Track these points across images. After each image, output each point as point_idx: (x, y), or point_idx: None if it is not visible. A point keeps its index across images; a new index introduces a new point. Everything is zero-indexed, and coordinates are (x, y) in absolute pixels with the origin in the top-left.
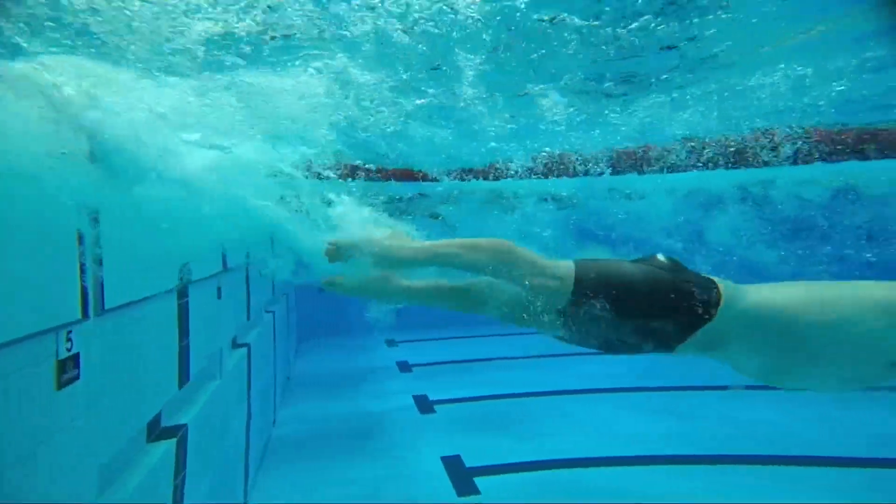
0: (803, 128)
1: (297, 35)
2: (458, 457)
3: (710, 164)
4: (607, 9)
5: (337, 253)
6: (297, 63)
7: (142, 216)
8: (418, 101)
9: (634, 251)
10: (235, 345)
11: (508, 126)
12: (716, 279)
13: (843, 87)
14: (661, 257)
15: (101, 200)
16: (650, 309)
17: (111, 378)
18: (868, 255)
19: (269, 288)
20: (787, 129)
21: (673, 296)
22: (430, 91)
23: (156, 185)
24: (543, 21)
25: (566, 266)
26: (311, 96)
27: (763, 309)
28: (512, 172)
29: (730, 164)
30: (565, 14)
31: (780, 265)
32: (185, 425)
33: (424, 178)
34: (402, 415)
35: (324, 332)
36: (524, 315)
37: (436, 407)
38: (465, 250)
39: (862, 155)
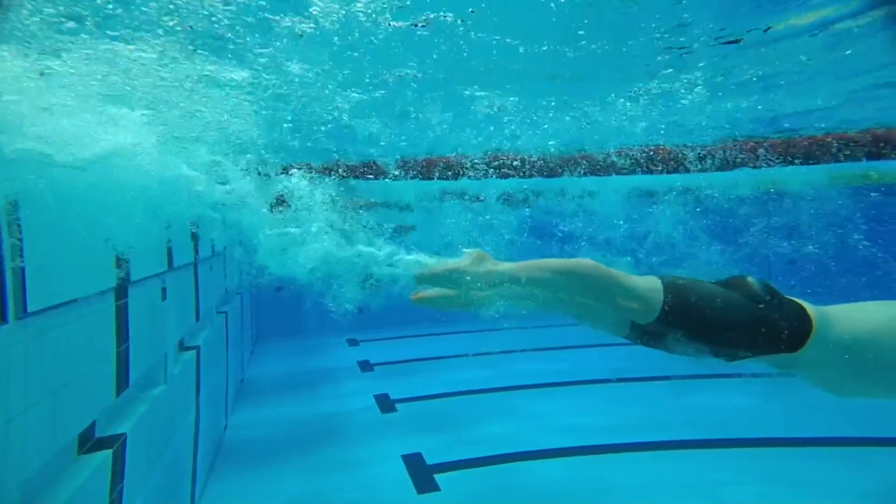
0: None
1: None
2: (418, 454)
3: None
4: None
5: (431, 278)
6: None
7: (70, 206)
8: (356, 94)
9: (590, 249)
10: (183, 348)
11: (447, 118)
12: (806, 307)
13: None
14: (752, 282)
15: (17, 186)
16: (735, 341)
17: (34, 387)
18: (790, 253)
19: (221, 287)
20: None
21: (764, 330)
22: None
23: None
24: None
25: (654, 289)
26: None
27: (848, 339)
28: (469, 169)
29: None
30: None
31: (717, 260)
32: (123, 435)
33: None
34: (362, 415)
35: (282, 333)
36: (600, 323)
37: (397, 406)
38: (554, 273)
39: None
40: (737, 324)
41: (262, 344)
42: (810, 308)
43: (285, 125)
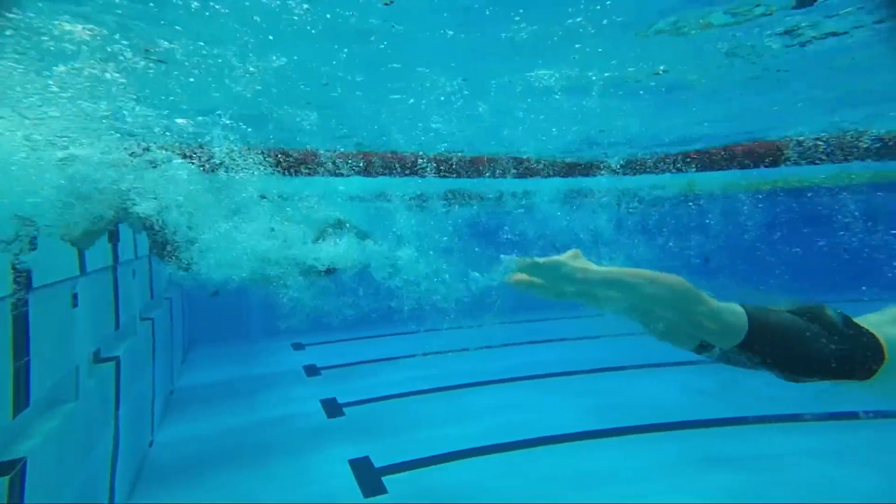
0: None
1: None
2: (366, 458)
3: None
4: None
5: (530, 267)
6: None
7: None
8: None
9: (531, 248)
10: (99, 359)
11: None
12: (879, 337)
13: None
14: (832, 314)
15: None
16: (812, 371)
17: None
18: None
19: (147, 292)
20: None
21: (834, 365)
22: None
23: None
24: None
25: (739, 317)
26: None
27: None
28: (416, 166)
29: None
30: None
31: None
32: (22, 459)
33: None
34: (307, 421)
35: (219, 339)
36: (673, 337)
37: (345, 409)
38: (649, 282)
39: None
40: (817, 359)
41: (196, 351)
42: (880, 336)
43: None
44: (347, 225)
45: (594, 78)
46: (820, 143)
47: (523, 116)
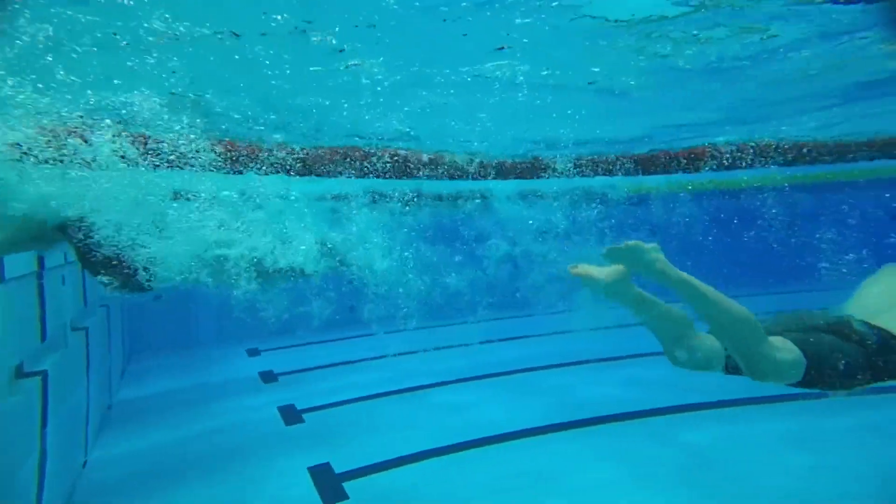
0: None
1: None
2: (326, 464)
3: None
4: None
5: (612, 253)
6: None
7: None
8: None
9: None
10: (21, 374)
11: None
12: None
13: None
14: (857, 325)
15: None
16: (859, 383)
17: None
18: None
19: (79, 299)
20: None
21: (860, 376)
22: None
23: None
24: None
25: (796, 361)
26: None
27: None
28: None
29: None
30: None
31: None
32: None
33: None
34: (264, 430)
35: (165, 347)
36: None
37: (304, 416)
38: (719, 299)
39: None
40: (859, 371)
41: (139, 361)
42: None
43: None
44: (329, 245)
45: (531, 78)
46: (736, 150)
47: (466, 112)
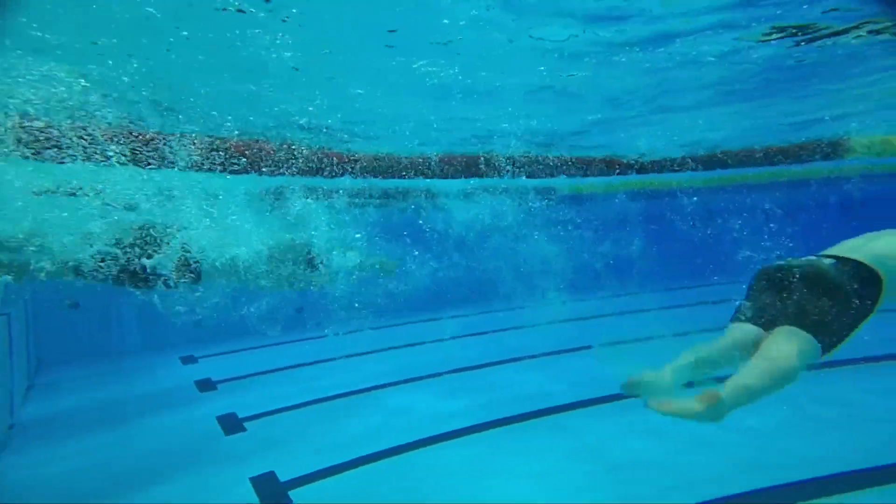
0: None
1: None
2: (271, 473)
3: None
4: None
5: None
6: None
7: None
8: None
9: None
10: None
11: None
12: (864, 261)
13: None
14: (829, 271)
15: None
16: (852, 324)
17: None
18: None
19: None
20: None
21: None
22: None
23: None
24: None
25: (808, 346)
26: None
27: None
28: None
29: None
30: None
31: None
32: None
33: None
34: (200, 442)
35: (82, 357)
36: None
37: (246, 424)
38: (777, 383)
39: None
40: (854, 311)
41: (50, 374)
42: (869, 261)
43: None
44: (315, 254)
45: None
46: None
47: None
